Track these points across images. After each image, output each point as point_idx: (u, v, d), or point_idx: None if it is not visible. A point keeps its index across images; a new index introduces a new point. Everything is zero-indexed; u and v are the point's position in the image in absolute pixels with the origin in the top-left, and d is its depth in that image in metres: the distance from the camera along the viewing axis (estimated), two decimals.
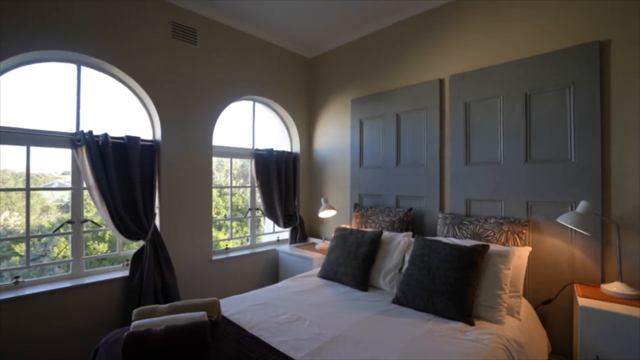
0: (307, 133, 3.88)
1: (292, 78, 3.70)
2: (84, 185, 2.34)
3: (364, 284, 2.32)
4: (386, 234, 2.58)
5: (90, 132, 2.23)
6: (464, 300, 1.81)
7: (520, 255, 2.03)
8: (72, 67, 2.35)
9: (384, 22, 3.08)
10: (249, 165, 3.53)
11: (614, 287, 1.83)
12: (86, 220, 2.38)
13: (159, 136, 2.66)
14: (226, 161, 3.80)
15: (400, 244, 2.42)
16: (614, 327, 1.60)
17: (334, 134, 3.60)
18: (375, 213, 2.94)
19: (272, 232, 3.73)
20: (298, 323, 1.75)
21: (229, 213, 3.38)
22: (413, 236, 2.67)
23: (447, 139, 2.66)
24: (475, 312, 1.86)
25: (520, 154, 2.28)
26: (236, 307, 1.96)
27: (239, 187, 3.63)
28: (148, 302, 2.33)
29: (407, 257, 2.33)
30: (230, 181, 3.35)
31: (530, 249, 2.09)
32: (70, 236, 2.34)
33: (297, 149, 3.80)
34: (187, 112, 2.80)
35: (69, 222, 2.31)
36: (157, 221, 2.64)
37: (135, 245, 2.54)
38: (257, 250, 3.37)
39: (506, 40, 2.37)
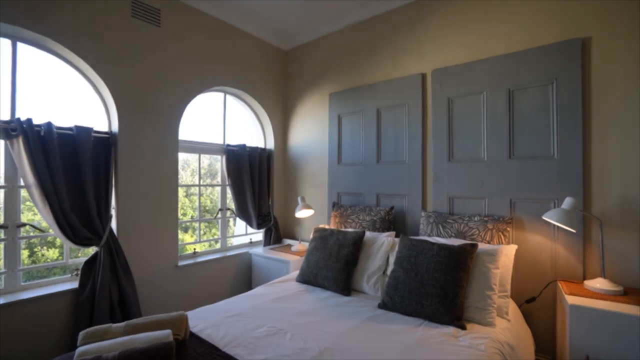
0: (282, 128, 3.67)
1: (267, 70, 3.48)
2: (21, 183, 1.99)
3: (347, 288, 2.18)
4: (368, 234, 2.46)
5: (29, 121, 1.89)
6: (455, 303, 1.72)
7: (507, 253, 1.98)
8: (5, 43, 1.99)
9: (364, 14, 2.96)
10: (220, 162, 3.26)
11: (597, 283, 1.82)
12: (24, 225, 2.03)
13: (115, 128, 2.35)
14: (192, 160, 3.50)
15: (383, 244, 2.30)
16: (604, 325, 1.57)
17: (311, 129, 3.43)
18: (355, 212, 2.81)
19: (244, 234, 3.49)
20: (279, 336, 1.56)
21: (196, 214, 3.10)
22: (396, 236, 2.57)
23: (430, 135, 2.59)
24: (466, 314, 1.77)
25: (504, 151, 2.24)
26: (207, 320, 1.72)
27: (208, 185, 3.34)
28: (102, 319, 2.03)
29: (391, 259, 2.21)
30: (199, 179, 3.07)
31: (516, 246, 2.05)
32: (2, 244, 1.97)
33: (271, 145, 3.59)
34: (150, 102, 2.50)
35: (1, 227, 1.95)
36: (113, 224, 2.32)
37: (91, 251, 2.21)
38: (229, 253, 3.12)
39: (489, 36, 2.33)
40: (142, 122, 2.45)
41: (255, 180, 3.28)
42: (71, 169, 2.08)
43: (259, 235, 3.57)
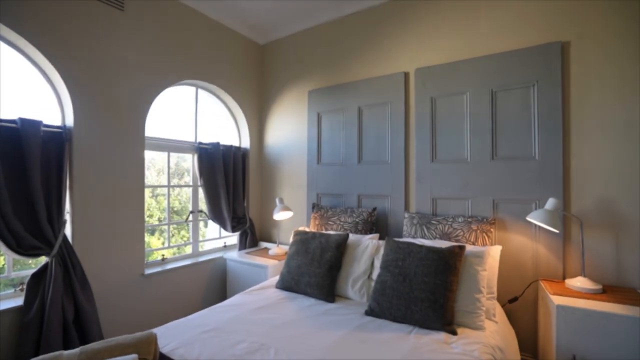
0: (258, 126, 3.50)
1: (241, 65, 3.29)
2: None
3: (331, 294, 2.07)
4: (351, 237, 2.36)
5: None
6: (445, 307, 1.66)
7: (493, 254, 1.96)
8: None
9: (345, 9, 2.87)
10: (189, 161, 3.04)
11: (578, 282, 1.85)
12: None
13: (70, 121, 2.07)
14: (158, 159, 3.22)
15: (368, 247, 2.22)
16: (590, 325, 1.58)
17: (289, 128, 3.29)
18: (336, 214, 2.71)
19: (217, 238, 3.27)
20: (262, 353, 1.42)
21: (164, 216, 2.85)
22: (380, 238, 2.50)
23: (413, 135, 2.54)
24: (455, 318, 1.72)
25: (487, 152, 2.24)
26: (179, 338, 1.54)
27: (179, 186, 3.10)
28: (53, 342, 1.76)
29: (376, 262, 2.14)
30: (168, 179, 2.83)
31: (500, 247, 2.04)
32: None
33: (246, 143, 3.40)
34: (111, 93, 2.24)
35: None
36: (67, 230, 2.05)
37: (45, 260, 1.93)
38: (201, 259, 2.90)
39: (472, 36, 2.32)
40: (101, 115, 2.19)
41: (229, 180, 3.08)
42: (15, 168, 1.80)
43: (233, 239, 3.37)
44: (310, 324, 1.72)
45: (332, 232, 2.46)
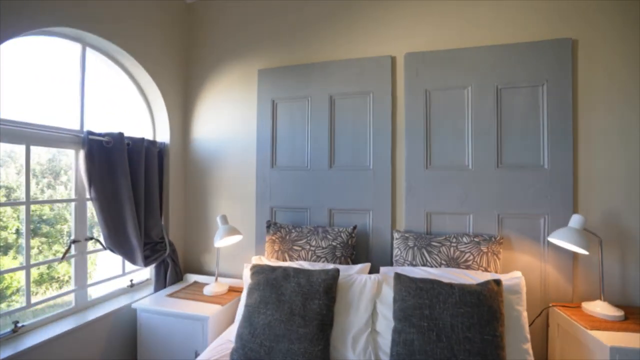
0: (182, 113, 2.53)
1: (158, 25, 2.29)
2: None
3: None
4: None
5: None
6: None
7: (524, 285, 1.60)
8: None
9: None
10: (74, 159, 1.92)
11: (598, 307, 1.64)
12: None
13: None
14: (20, 152, 1.96)
15: (366, 286, 1.62)
16: None
17: (230, 118, 2.45)
18: (303, 235, 2.04)
19: (120, 275, 2.20)
20: None
21: (24, 244, 1.69)
22: (371, 270, 1.93)
23: (402, 135, 2.06)
24: None
25: (492, 158, 1.91)
26: None
27: (50, 202, 1.92)
28: None
29: (379, 307, 1.57)
30: (27, 189, 1.67)
31: (520, 273, 1.70)
32: None
33: (165, 137, 2.41)
34: None
35: None
36: None
37: None
38: (91, 315, 1.85)
39: (475, 22, 1.96)
40: None
41: (139, 189, 2.08)
42: None
43: (144, 272, 2.36)
44: None
45: (307, 266, 1.79)
